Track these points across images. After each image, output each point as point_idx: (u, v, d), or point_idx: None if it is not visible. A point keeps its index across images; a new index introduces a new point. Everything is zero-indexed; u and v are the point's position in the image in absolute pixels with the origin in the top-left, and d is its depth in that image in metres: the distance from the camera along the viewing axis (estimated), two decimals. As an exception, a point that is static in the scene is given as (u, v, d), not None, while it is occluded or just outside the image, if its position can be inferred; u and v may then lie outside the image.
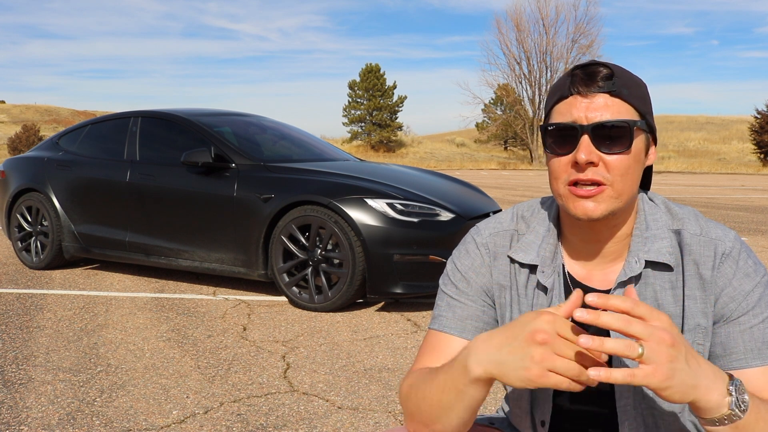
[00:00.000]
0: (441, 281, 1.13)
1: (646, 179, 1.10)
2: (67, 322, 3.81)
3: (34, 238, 5.38)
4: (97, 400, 2.64)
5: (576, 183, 0.95)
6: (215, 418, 2.47)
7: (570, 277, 1.06)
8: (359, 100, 48.78)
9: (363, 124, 49.20)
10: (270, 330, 3.67)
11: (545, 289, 1.05)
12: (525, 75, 42.82)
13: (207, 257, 4.48)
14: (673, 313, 1.00)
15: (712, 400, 0.79)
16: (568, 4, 54.08)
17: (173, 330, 3.66)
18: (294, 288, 4.12)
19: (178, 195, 4.59)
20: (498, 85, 44.30)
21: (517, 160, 43.67)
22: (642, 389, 1.01)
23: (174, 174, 4.65)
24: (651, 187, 1.12)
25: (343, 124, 50.65)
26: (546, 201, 1.13)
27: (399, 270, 3.86)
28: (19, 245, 5.45)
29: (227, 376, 2.93)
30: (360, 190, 4.03)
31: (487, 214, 4.30)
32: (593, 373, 0.75)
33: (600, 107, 0.94)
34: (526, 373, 0.78)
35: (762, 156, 36.70)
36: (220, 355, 3.21)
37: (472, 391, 0.86)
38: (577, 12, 57.10)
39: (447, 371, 0.90)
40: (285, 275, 4.14)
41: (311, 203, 4.04)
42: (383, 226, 3.87)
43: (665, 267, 1.00)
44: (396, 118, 48.84)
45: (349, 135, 49.80)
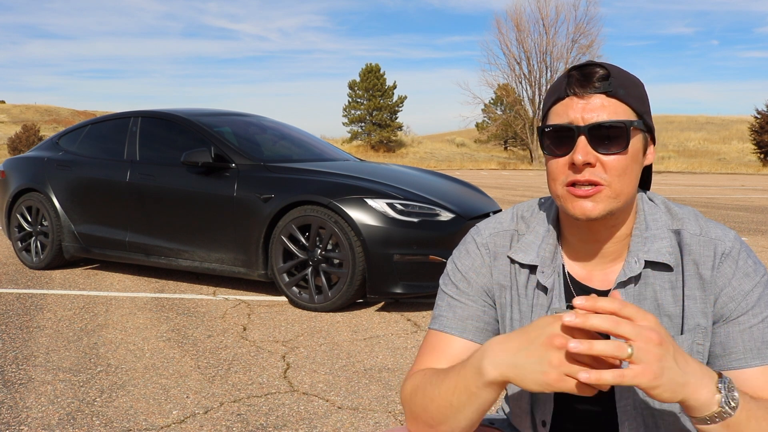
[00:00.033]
0: (441, 281, 1.13)
1: (645, 179, 1.10)
2: (67, 322, 3.81)
3: (34, 238, 5.38)
4: (97, 400, 2.64)
5: (574, 184, 0.96)
6: (215, 418, 2.47)
7: (570, 278, 1.06)
8: (359, 100, 48.78)
9: (363, 124, 49.19)
10: (270, 330, 3.67)
11: (545, 290, 1.05)
12: (525, 75, 42.85)
13: (207, 257, 4.48)
14: (673, 313, 1.00)
15: (701, 397, 0.80)
16: (568, 4, 54.14)
17: (173, 330, 3.66)
18: (294, 288, 4.12)
19: (178, 195, 4.59)
20: (498, 85, 44.33)
21: (517, 160, 43.68)
22: None
23: (174, 174, 4.65)
24: (651, 187, 1.12)
25: (343, 124, 50.72)
26: (545, 201, 1.13)
27: (399, 270, 3.86)
28: (19, 245, 5.45)
29: (227, 376, 2.93)
30: (360, 190, 4.03)
31: (487, 214, 4.30)
32: (583, 376, 0.75)
33: (596, 108, 0.94)
34: (544, 377, 0.79)
35: (762, 156, 36.70)
36: (220, 355, 3.21)
37: (485, 394, 0.87)
38: (577, 12, 57.18)
39: (458, 373, 0.90)
40: (285, 275, 4.14)
41: (311, 203, 4.04)
42: (383, 226, 3.87)
43: (665, 267, 1.00)
44: (396, 118, 48.84)
45: (349, 135, 49.80)
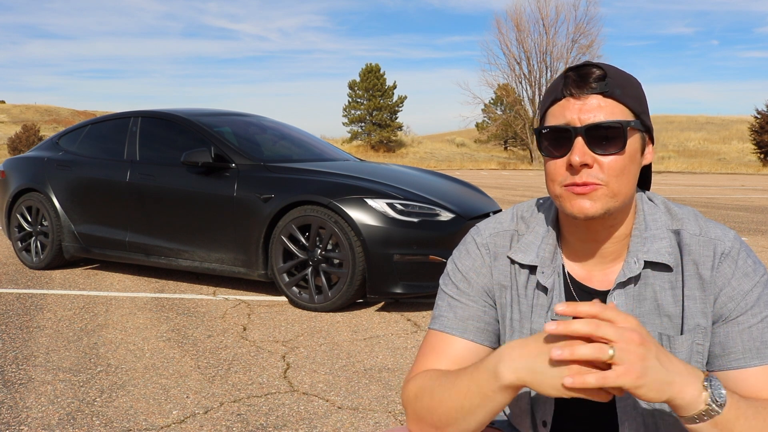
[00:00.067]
0: (441, 281, 1.13)
1: (645, 179, 1.10)
2: (67, 322, 3.81)
3: (34, 238, 5.38)
4: (97, 400, 2.64)
5: (572, 185, 0.96)
6: (215, 418, 2.47)
7: (570, 278, 1.06)
8: (359, 100, 48.77)
9: (363, 124, 49.18)
10: (270, 330, 3.67)
11: (545, 290, 1.05)
12: (525, 75, 42.84)
13: (207, 257, 4.48)
14: (673, 314, 1.00)
15: (687, 396, 0.80)
16: (568, 4, 54.09)
17: (173, 330, 3.66)
18: (294, 288, 4.12)
19: (178, 195, 4.59)
20: (498, 85, 44.32)
21: (517, 160, 43.67)
22: None
23: (174, 174, 4.65)
24: (651, 187, 1.12)
25: (343, 124, 50.71)
26: (545, 201, 1.13)
27: (399, 270, 3.86)
28: (19, 245, 5.45)
29: (227, 376, 2.93)
30: (360, 190, 4.03)
31: (487, 214, 4.30)
32: (568, 381, 0.77)
33: (593, 108, 0.94)
34: (561, 382, 0.79)
35: (762, 156, 36.69)
36: (220, 355, 3.21)
37: (499, 398, 0.87)
38: (577, 12, 57.08)
39: (471, 376, 0.90)
40: (285, 275, 4.14)
41: (311, 203, 4.04)
42: (383, 226, 3.87)
43: (664, 267, 1.00)
44: (396, 118, 48.83)
45: (349, 135, 49.80)
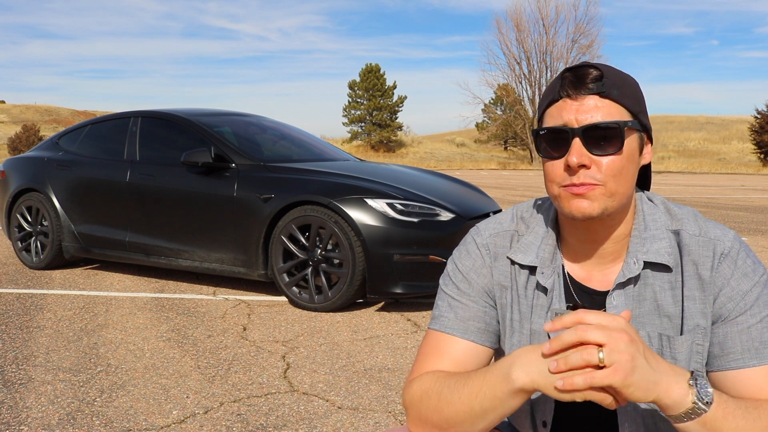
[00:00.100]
0: (441, 281, 1.13)
1: (645, 179, 1.10)
2: (67, 322, 3.81)
3: (34, 238, 5.38)
4: (97, 400, 2.64)
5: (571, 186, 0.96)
6: (215, 418, 2.47)
7: (570, 278, 1.06)
8: (359, 100, 48.77)
9: (363, 124, 49.18)
10: (270, 330, 3.67)
11: (545, 290, 1.05)
12: (525, 75, 42.83)
13: (207, 257, 4.48)
14: (673, 314, 1.00)
15: (673, 395, 0.81)
16: (568, 4, 54.07)
17: (173, 330, 3.66)
18: (294, 288, 4.12)
19: (178, 195, 4.59)
20: (498, 85, 44.32)
21: (517, 160, 43.67)
22: None
23: (174, 174, 4.65)
24: (651, 188, 1.12)
25: (343, 124, 50.70)
26: (544, 202, 1.13)
27: (399, 270, 3.86)
28: (19, 245, 5.45)
29: (227, 376, 2.93)
30: (360, 190, 4.03)
31: (487, 214, 4.30)
32: (560, 384, 0.79)
33: (590, 109, 0.94)
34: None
35: (762, 156, 36.69)
36: (220, 355, 3.22)
37: (510, 401, 0.87)
38: (577, 12, 57.09)
39: (483, 379, 0.90)
40: (285, 275, 4.14)
41: (311, 203, 4.04)
42: (383, 226, 3.87)
43: (664, 268, 1.00)
44: (396, 118, 48.82)
45: (349, 135, 49.79)
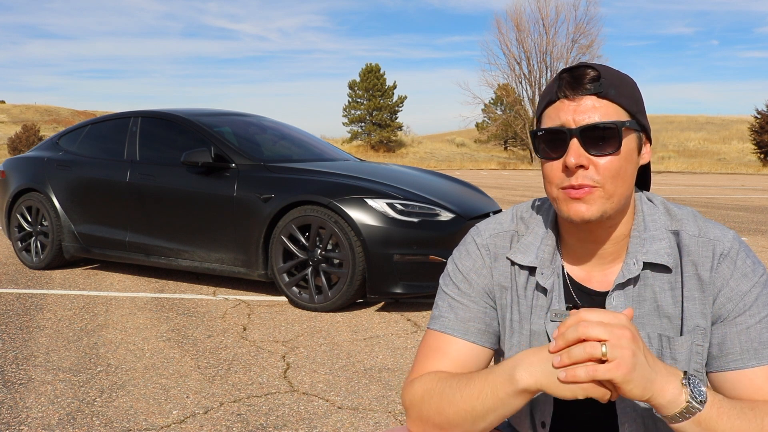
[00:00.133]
0: (441, 281, 1.13)
1: (645, 179, 1.10)
2: (67, 322, 3.81)
3: (34, 238, 5.38)
4: (97, 400, 2.64)
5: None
6: (215, 418, 2.47)
7: (569, 279, 1.06)
8: (359, 100, 48.76)
9: (363, 124, 49.17)
10: (270, 330, 3.67)
11: (545, 291, 1.05)
12: (525, 75, 42.83)
13: (207, 257, 4.48)
14: (673, 315, 1.00)
15: (668, 394, 0.82)
16: (568, 4, 54.06)
17: (173, 330, 3.66)
18: (294, 288, 4.12)
19: (178, 195, 4.59)
20: (498, 85, 44.31)
21: (517, 160, 43.66)
22: None
23: (174, 174, 4.65)
24: (651, 188, 1.12)
25: (343, 124, 50.69)
26: (543, 202, 1.13)
27: (399, 270, 3.86)
28: (19, 245, 5.45)
29: (227, 376, 2.93)
30: (360, 190, 4.03)
31: (487, 214, 4.30)
32: (562, 375, 0.80)
33: (587, 110, 0.94)
34: (578, 386, 0.81)
35: (762, 156, 36.69)
36: (220, 355, 3.22)
37: (513, 401, 0.88)
38: (577, 12, 57.05)
39: (486, 379, 0.91)
40: (285, 275, 4.14)
41: (311, 203, 4.04)
42: (383, 226, 3.87)
43: (664, 268, 1.00)
44: (396, 118, 48.82)
45: (349, 135, 49.79)
